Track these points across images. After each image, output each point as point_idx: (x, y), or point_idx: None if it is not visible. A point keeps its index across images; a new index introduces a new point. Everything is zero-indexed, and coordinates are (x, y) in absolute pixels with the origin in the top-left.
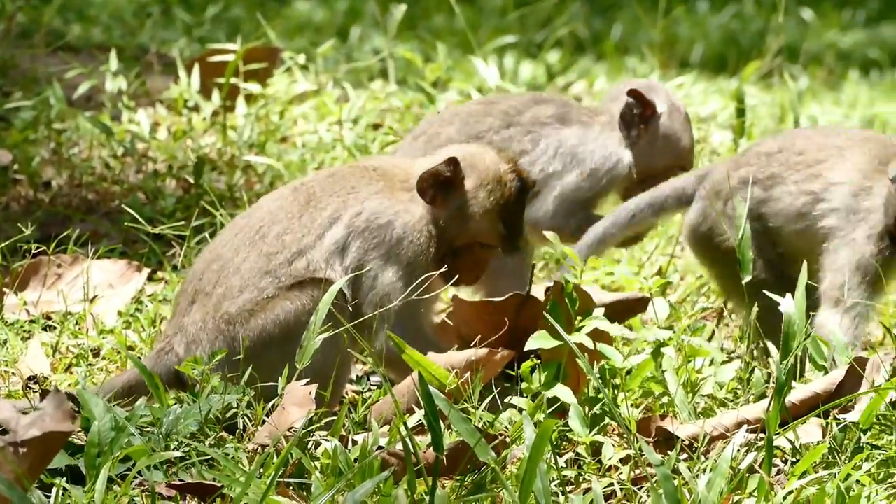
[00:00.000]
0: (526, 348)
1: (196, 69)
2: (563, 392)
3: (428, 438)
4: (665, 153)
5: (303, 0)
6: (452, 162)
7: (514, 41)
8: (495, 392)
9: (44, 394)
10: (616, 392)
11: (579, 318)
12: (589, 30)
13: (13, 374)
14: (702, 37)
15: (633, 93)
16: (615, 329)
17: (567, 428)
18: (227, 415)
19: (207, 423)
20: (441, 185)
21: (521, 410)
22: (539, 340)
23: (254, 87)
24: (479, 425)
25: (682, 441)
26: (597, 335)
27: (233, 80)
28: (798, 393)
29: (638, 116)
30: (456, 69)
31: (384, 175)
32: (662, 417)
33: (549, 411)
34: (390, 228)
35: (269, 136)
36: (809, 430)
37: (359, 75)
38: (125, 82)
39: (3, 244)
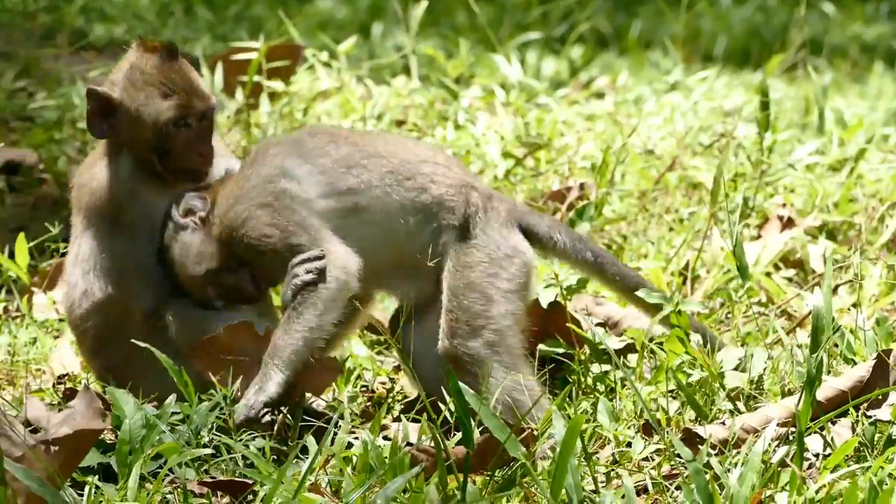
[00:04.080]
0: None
1: (219, 67)
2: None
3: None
4: None
5: None
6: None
7: (537, 37)
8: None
9: (74, 392)
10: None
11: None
12: (611, 24)
13: (43, 372)
14: (725, 30)
15: None
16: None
17: (597, 423)
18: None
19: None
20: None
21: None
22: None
23: (277, 85)
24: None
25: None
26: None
27: (256, 78)
28: (825, 391)
29: None
30: (478, 65)
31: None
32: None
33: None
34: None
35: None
36: (839, 431)
37: (381, 72)
38: None
39: (30, 244)
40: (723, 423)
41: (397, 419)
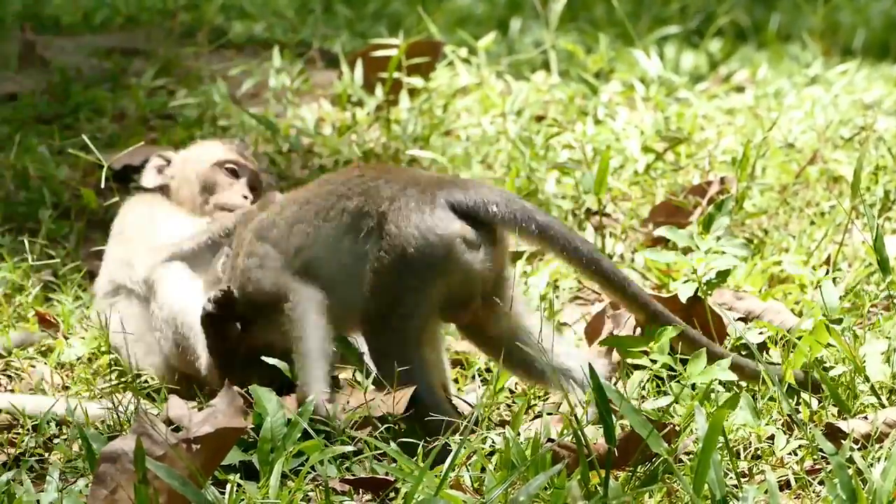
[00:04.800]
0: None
1: (359, 64)
2: (725, 375)
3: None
4: None
5: None
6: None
7: (676, 31)
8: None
9: (215, 391)
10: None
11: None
12: (750, 18)
13: None
14: (863, 23)
15: None
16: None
17: (740, 419)
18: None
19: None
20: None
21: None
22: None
23: (417, 81)
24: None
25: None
26: None
27: (396, 75)
28: None
29: None
30: (618, 60)
31: None
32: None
33: (721, 402)
34: None
35: (433, 130)
36: None
37: (521, 68)
38: (288, 78)
39: None
40: (865, 418)
41: (538, 416)
